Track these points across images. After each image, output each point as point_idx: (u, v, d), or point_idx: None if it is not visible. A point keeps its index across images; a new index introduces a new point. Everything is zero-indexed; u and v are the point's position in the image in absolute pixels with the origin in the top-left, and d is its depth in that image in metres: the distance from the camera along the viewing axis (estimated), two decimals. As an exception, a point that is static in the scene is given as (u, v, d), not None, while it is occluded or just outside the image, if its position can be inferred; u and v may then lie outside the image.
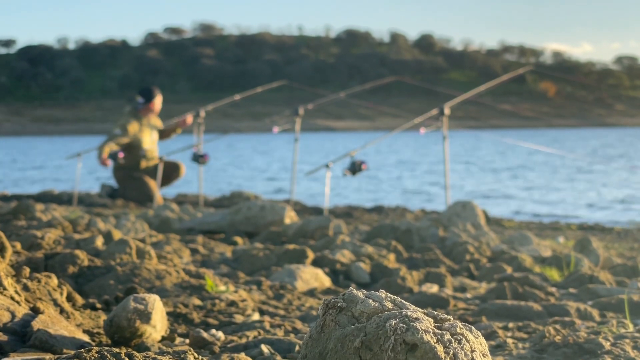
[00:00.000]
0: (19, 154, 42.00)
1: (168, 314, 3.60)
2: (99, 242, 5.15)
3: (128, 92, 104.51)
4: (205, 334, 3.12)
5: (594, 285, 4.64)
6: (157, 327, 3.01)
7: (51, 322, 2.85)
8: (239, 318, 3.67)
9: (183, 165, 11.72)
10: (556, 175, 22.94)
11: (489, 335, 3.45)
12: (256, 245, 5.96)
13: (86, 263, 4.23)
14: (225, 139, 54.87)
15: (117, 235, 5.49)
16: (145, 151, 11.39)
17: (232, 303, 3.88)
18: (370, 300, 2.07)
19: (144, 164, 11.40)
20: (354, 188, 18.54)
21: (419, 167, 27.81)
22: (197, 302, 3.83)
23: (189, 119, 11.62)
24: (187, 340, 3.17)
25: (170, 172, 11.49)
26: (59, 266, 4.16)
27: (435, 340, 1.94)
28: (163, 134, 11.75)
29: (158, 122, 11.70)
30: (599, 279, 4.93)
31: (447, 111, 10.02)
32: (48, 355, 2.62)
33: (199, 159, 11.35)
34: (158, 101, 11.53)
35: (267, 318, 3.71)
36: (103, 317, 3.41)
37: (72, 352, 2.62)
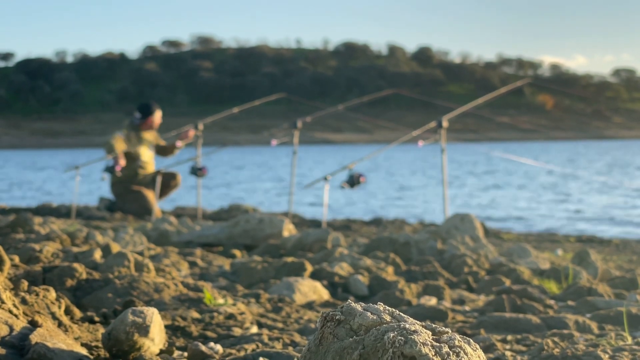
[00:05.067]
0: (17, 167, 41.98)
1: (166, 327, 3.59)
2: (97, 255, 5.14)
3: (126, 105, 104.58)
4: (203, 347, 3.12)
5: (592, 298, 4.64)
6: (155, 340, 3.00)
7: (49, 336, 2.85)
8: (237, 331, 3.66)
9: (179, 175, 11.74)
10: (554, 187, 22.95)
11: (487, 348, 3.45)
12: (254, 258, 5.95)
13: (84, 276, 4.22)
14: (224, 151, 54.90)
15: (115, 248, 5.48)
16: (142, 162, 11.41)
17: (230, 316, 3.87)
18: (369, 313, 2.07)
19: (141, 173, 11.41)
20: (352, 201, 18.53)
21: (417, 180, 27.82)
22: (196, 315, 3.83)
23: (191, 132, 11.62)
24: (186, 354, 3.17)
25: (168, 181, 11.50)
26: (57, 279, 4.16)
27: (433, 353, 1.93)
28: (165, 151, 11.76)
29: (159, 140, 11.73)
30: (597, 291, 4.93)
31: (445, 124, 10.03)
32: (46, 369, 2.61)
33: (197, 171, 11.36)
34: (157, 117, 11.54)
35: (265, 331, 3.70)
36: (101, 330, 3.41)
37: (70, 366, 2.62)
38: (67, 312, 3.57)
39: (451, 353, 1.96)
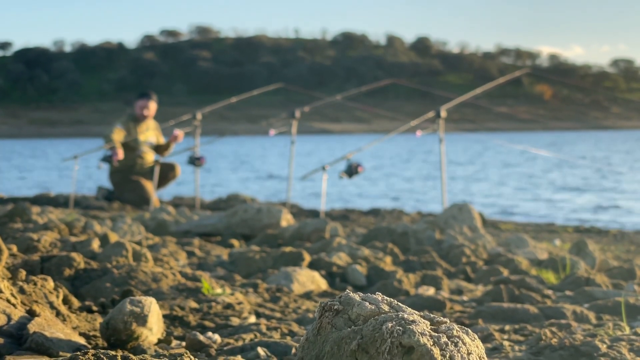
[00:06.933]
0: (15, 156, 41.95)
1: (164, 316, 3.59)
2: (95, 244, 5.14)
3: (124, 94, 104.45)
4: (201, 337, 3.12)
5: (590, 288, 4.64)
6: (153, 329, 3.00)
7: (47, 325, 2.85)
8: (235, 321, 3.66)
9: (178, 166, 11.73)
10: (553, 177, 22.95)
11: (485, 338, 3.45)
12: (252, 248, 5.95)
13: (82, 266, 4.22)
14: (222, 141, 54.89)
15: (113, 237, 5.48)
16: (141, 152, 11.40)
17: (228, 306, 3.88)
18: (367, 303, 2.07)
19: (140, 163, 11.40)
20: (350, 190, 18.53)
21: (415, 170, 27.82)
22: (194, 304, 3.83)
23: (180, 135, 11.58)
24: (184, 343, 3.17)
25: (166, 172, 11.49)
26: (55, 269, 4.15)
27: (431, 343, 1.94)
28: (160, 149, 11.73)
29: (159, 134, 11.73)
30: (595, 281, 4.93)
31: (443, 114, 10.02)
32: (44, 358, 2.62)
33: (195, 161, 11.35)
34: (151, 104, 11.49)
35: (263, 321, 3.70)
36: (99, 319, 3.41)
37: (69, 355, 2.61)
38: (65, 301, 3.57)
39: (449, 343, 1.96)
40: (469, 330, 2.03)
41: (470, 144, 52.44)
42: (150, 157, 11.55)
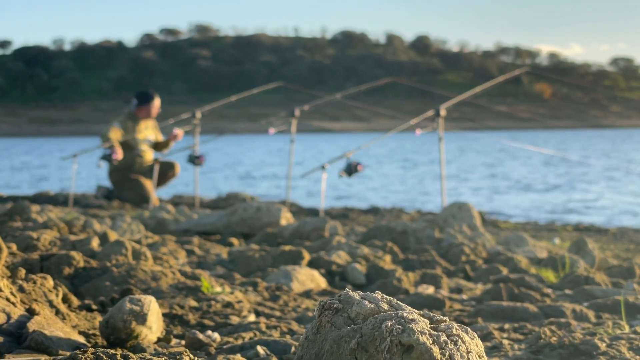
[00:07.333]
0: (14, 155, 41.94)
1: (164, 315, 3.59)
2: (95, 243, 5.14)
3: (124, 93, 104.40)
4: (201, 335, 3.12)
5: (589, 287, 4.64)
6: (152, 328, 3.00)
7: (47, 324, 2.85)
8: (234, 319, 3.67)
9: (178, 164, 11.73)
10: (552, 175, 22.96)
11: (484, 337, 3.45)
12: (252, 247, 5.96)
13: (82, 264, 4.22)
14: (221, 140, 54.87)
15: (112, 236, 5.48)
16: (140, 151, 11.39)
17: (228, 304, 3.88)
18: (366, 302, 2.07)
19: (139, 162, 11.39)
20: (350, 189, 18.53)
21: (415, 168, 27.82)
22: (193, 303, 3.83)
23: (180, 134, 11.58)
24: (183, 342, 3.17)
25: (166, 170, 11.49)
26: (55, 267, 4.15)
27: (431, 342, 1.94)
28: (159, 146, 11.72)
29: (158, 132, 11.71)
30: (594, 280, 4.93)
31: (443, 112, 10.02)
32: (43, 357, 2.62)
33: (194, 160, 11.35)
34: (155, 105, 11.48)
35: (263, 319, 3.71)
36: (99, 318, 3.41)
37: (68, 354, 2.62)
38: (65, 300, 3.57)
39: (449, 342, 1.96)
40: (469, 329, 2.03)
41: (467, 143, 52.44)
42: (149, 155, 11.54)
